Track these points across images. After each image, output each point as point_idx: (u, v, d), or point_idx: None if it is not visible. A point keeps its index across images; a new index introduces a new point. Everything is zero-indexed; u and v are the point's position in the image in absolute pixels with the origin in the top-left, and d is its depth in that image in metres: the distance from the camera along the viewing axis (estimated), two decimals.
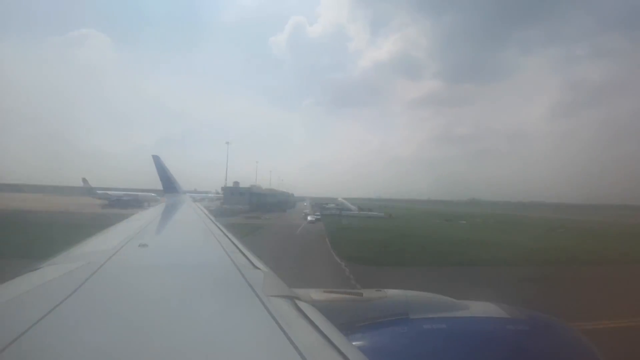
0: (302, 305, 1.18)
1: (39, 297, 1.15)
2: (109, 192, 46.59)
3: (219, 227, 3.47)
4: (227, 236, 2.84)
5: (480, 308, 1.97)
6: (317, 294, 1.81)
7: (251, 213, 42.29)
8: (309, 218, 38.64)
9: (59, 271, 1.46)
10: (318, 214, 44.58)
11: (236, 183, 54.92)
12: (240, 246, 2.35)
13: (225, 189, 52.49)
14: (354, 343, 0.98)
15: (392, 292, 1.97)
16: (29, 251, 8.75)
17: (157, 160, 9.48)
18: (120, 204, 39.93)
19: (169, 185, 9.24)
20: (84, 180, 46.02)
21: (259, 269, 1.73)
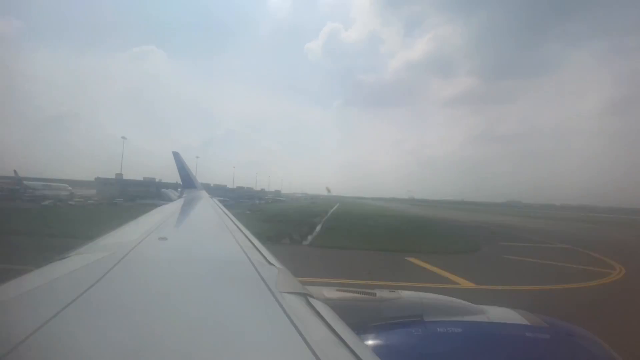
0: (315, 302, 1.19)
1: (68, 284, 1.21)
2: (29, 182, 48.57)
3: (234, 223, 3.53)
4: (242, 232, 2.88)
5: (498, 313, 1.90)
6: (329, 292, 1.81)
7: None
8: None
9: (85, 261, 1.53)
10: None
11: (119, 175, 57.24)
12: (255, 242, 2.39)
13: (97, 179, 56.18)
14: (366, 342, 0.97)
15: (406, 294, 1.95)
16: None
17: (177, 156, 9.78)
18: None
19: (187, 181, 9.52)
20: (15, 172, 48.41)
21: (273, 265, 1.75)
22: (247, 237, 2.65)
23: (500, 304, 2.03)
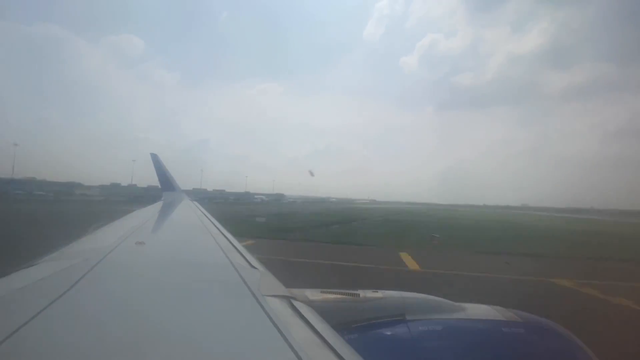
0: (298, 305, 1.18)
1: (36, 293, 1.14)
2: None
3: (216, 226, 3.46)
4: (224, 235, 2.83)
5: (477, 310, 1.96)
6: (313, 294, 1.80)
7: None
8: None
9: (55, 268, 1.45)
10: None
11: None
12: (237, 245, 2.35)
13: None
14: (349, 343, 0.98)
15: (389, 293, 1.97)
16: None
17: (155, 158, 9.51)
18: None
19: (166, 183, 9.27)
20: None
21: (256, 268, 1.73)
22: (228, 240, 2.60)
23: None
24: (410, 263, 12.13)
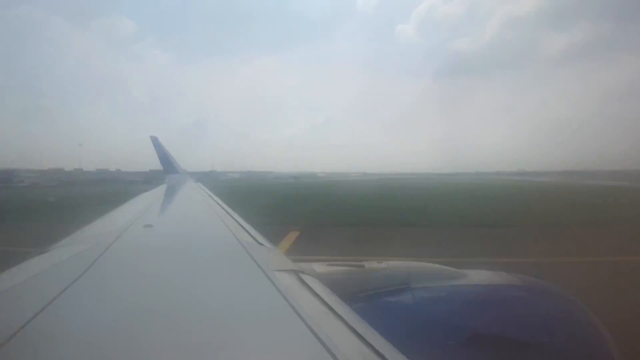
0: (306, 278, 1.21)
1: (50, 279, 1.18)
2: None
3: (221, 206, 3.50)
4: (229, 214, 2.87)
5: (480, 276, 2.00)
6: (320, 267, 1.85)
7: None
8: None
9: (67, 253, 1.49)
10: None
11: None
12: (243, 224, 2.39)
13: None
14: (357, 312, 1.01)
15: (393, 263, 2.01)
16: None
17: (155, 141, 9.43)
18: None
19: (169, 166, 9.26)
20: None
21: (263, 245, 1.76)
22: (234, 219, 2.63)
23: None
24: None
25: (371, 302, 1.77)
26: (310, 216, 17.25)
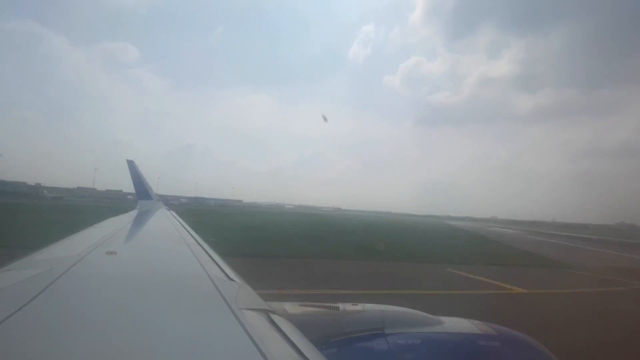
0: (277, 318, 1.15)
1: None
2: None
3: (192, 236, 3.36)
4: (201, 246, 2.75)
5: (455, 324, 2.00)
6: (292, 308, 1.77)
7: None
8: None
9: (14, 278, 1.35)
10: None
11: None
12: (214, 257, 2.28)
13: None
14: (329, 358, 0.96)
15: (368, 307, 1.96)
16: None
17: (131, 165, 9.20)
18: None
19: (142, 191, 8.98)
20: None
21: (233, 280, 1.68)
22: (205, 251, 2.52)
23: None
24: None
25: (344, 347, 1.70)
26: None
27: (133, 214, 6.50)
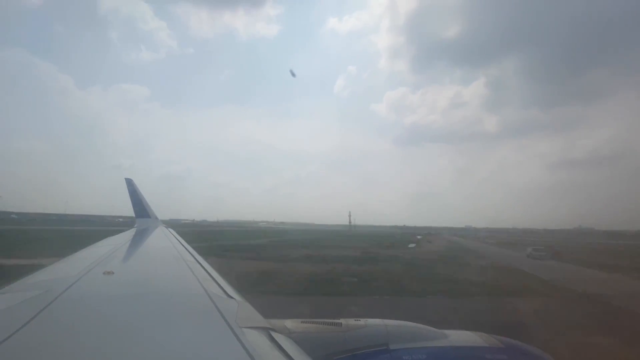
0: (278, 337, 1.13)
1: None
2: None
3: (192, 255, 3.32)
4: (200, 264, 2.71)
5: (460, 337, 1.96)
6: (293, 325, 1.74)
7: None
8: None
9: (10, 301, 1.33)
10: None
11: None
12: (214, 275, 2.25)
13: None
14: None
15: (371, 322, 1.93)
16: None
17: (130, 183, 9.18)
18: None
19: (141, 210, 8.91)
20: None
21: (233, 298, 1.65)
22: (204, 269, 2.49)
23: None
24: None
25: None
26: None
27: (131, 232, 6.45)
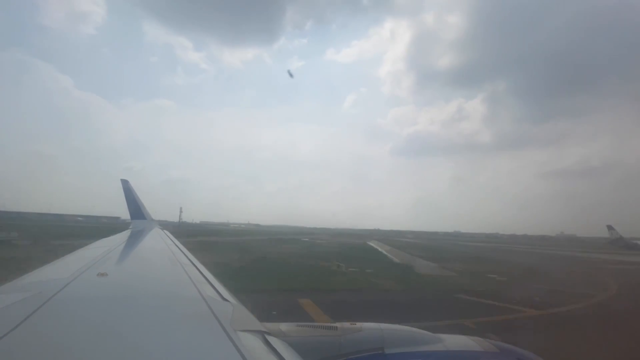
0: (273, 340, 1.12)
1: None
2: None
3: (186, 257, 3.30)
4: (195, 266, 2.70)
5: (455, 341, 1.96)
6: (288, 328, 1.73)
7: None
8: None
9: (3, 302, 1.31)
10: None
11: None
12: (209, 277, 2.24)
13: None
14: None
15: (367, 326, 1.93)
16: None
17: (125, 185, 9.14)
18: None
19: (136, 211, 8.87)
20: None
21: (227, 301, 1.64)
22: (199, 271, 2.47)
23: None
24: None
25: None
26: None
27: (126, 234, 6.40)
